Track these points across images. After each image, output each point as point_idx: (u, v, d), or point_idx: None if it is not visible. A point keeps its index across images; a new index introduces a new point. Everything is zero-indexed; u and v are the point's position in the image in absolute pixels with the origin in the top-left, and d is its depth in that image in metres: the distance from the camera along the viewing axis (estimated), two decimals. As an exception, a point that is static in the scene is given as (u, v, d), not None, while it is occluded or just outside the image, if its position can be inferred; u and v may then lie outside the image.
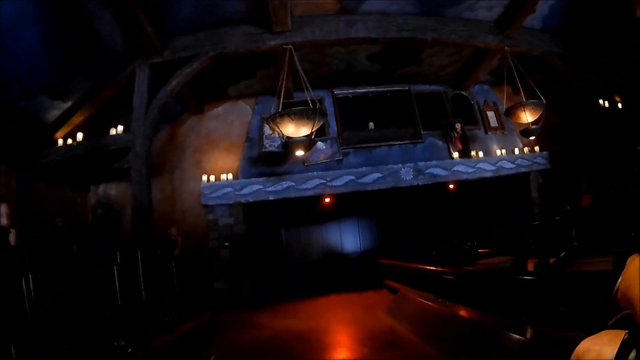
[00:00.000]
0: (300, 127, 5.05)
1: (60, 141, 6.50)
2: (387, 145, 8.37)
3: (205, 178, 7.75)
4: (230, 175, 7.83)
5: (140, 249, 4.21)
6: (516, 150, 8.64)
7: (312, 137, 5.28)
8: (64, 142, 6.48)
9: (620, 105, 7.42)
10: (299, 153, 5.55)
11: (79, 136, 6.44)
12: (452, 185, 8.41)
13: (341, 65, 7.90)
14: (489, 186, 8.66)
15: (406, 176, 7.99)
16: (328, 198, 8.16)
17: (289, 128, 5.05)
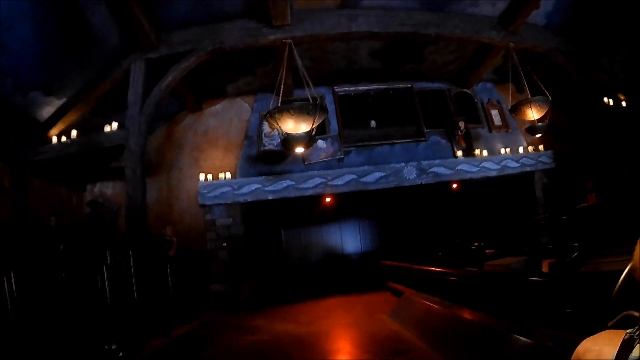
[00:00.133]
0: (300, 123, 4.88)
1: (55, 139, 6.34)
2: (389, 144, 8.22)
3: (202, 177, 7.59)
4: (228, 174, 7.67)
5: (132, 249, 4.03)
6: (520, 149, 8.49)
7: (313, 134, 5.11)
8: (59, 140, 6.31)
9: (624, 103, 7.27)
10: (299, 150, 5.39)
11: (74, 133, 6.28)
12: (456, 184, 8.26)
13: (342, 62, 7.78)
14: (493, 186, 8.50)
15: (409, 175, 7.83)
16: (328, 198, 8.00)
17: (289, 124, 4.88)
